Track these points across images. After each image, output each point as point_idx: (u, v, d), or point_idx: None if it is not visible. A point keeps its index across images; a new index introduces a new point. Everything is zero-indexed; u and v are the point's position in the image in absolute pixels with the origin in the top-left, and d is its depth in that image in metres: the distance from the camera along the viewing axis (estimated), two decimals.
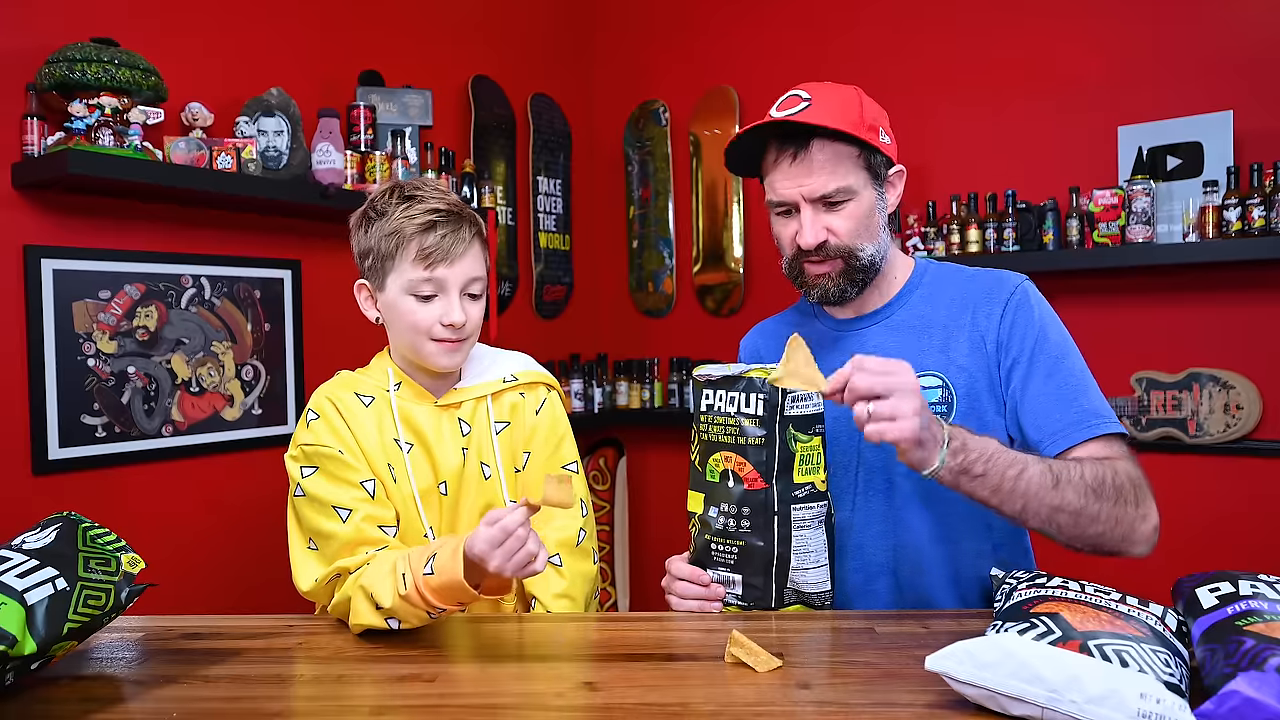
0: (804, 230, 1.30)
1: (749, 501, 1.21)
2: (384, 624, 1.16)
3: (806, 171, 1.28)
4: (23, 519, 1.27)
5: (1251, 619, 0.88)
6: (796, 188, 1.29)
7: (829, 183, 1.27)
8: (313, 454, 1.28)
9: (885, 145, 1.32)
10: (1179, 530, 2.56)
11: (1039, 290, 1.36)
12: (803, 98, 1.28)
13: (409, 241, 1.27)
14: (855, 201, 1.29)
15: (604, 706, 0.94)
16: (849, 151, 1.28)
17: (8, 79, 2.04)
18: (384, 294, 1.32)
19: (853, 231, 1.30)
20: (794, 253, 1.34)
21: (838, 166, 1.28)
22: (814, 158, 1.28)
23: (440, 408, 1.36)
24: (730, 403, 1.22)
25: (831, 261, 1.31)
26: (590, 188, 3.73)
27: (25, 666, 0.99)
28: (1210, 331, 2.54)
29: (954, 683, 0.88)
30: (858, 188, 1.29)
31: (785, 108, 1.29)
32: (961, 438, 1.11)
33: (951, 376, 1.31)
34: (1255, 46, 2.47)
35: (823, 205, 1.29)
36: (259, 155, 2.38)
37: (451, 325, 1.28)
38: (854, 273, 1.32)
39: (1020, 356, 1.29)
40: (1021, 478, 1.13)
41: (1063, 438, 1.24)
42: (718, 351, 3.32)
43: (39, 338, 2.07)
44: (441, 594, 1.10)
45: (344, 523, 1.24)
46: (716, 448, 1.24)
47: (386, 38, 2.90)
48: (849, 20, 3.15)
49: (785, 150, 1.29)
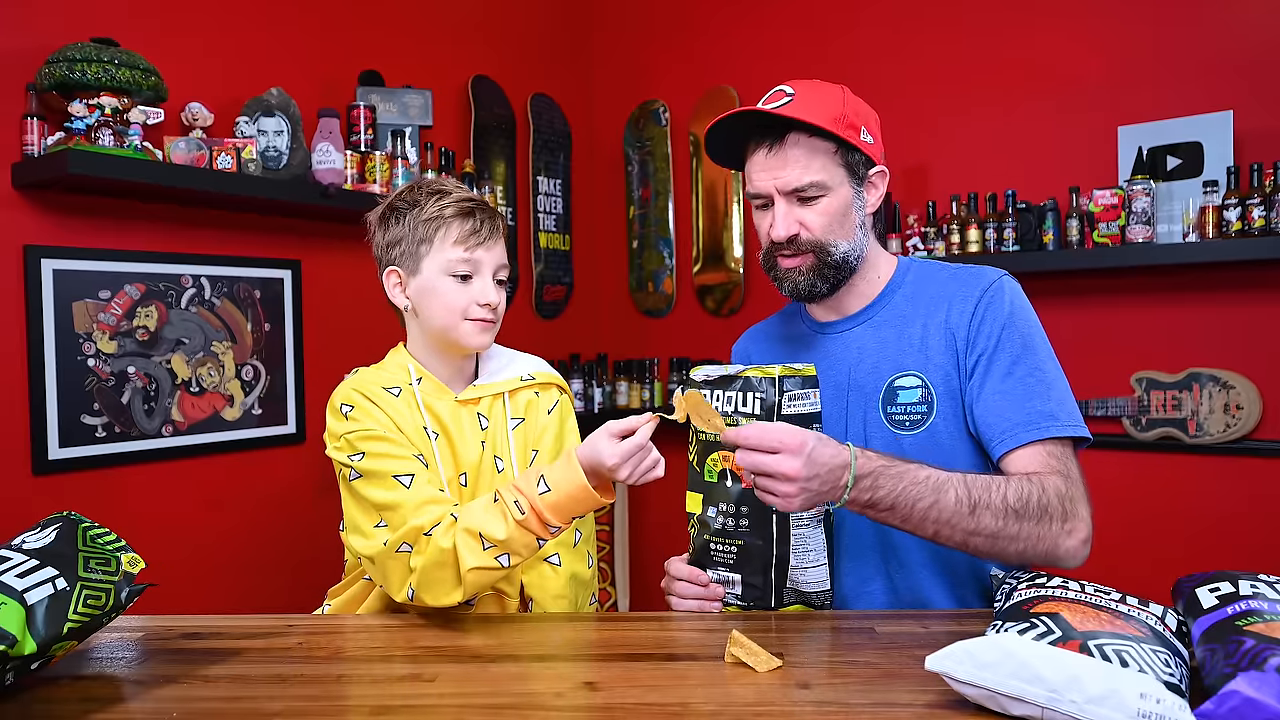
0: (776, 222, 1.31)
1: (747, 500, 1.21)
2: (494, 563, 1.18)
3: (781, 164, 1.30)
4: (23, 519, 1.27)
5: (1251, 619, 0.88)
6: (771, 179, 1.31)
7: (802, 176, 1.29)
8: (359, 439, 1.29)
9: (866, 145, 1.32)
10: (1179, 530, 2.57)
11: (1022, 288, 1.36)
12: (787, 92, 1.30)
13: (449, 225, 1.33)
14: (829, 197, 1.30)
15: (604, 706, 0.94)
16: (825, 147, 1.30)
17: (8, 79, 2.04)
18: (419, 277, 1.35)
19: (825, 227, 1.31)
20: (768, 245, 1.35)
21: (812, 161, 1.29)
22: (789, 151, 1.29)
23: (460, 403, 1.39)
24: (727, 402, 1.22)
25: (803, 255, 1.32)
26: (590, 188, 3.73)
27: (25, 666, 0.99)
28: (1210, 331, 2.54)
29: (954, 683, 0.88)
30: (832, 184, 1.30)
31: (769, 101, 1.31)
32: (874, 476, 1.12)
33: (931, 375, 1.31)
34: (1255, 46, 2.47)
35: (796, 199, 1.31)
36: (259, 155, 2.38)
37: (488, 305, 1.35)
38: (825, 269, 1.33)
39: (984, 352, 1.29)
40: (935, 507, 1.14)
41: (1009, 438, 1.24)
42: (718, 351, 3.32)
43: (39, 338, 2.07)
44: (560, 509, 1.17)
45: (408, 488, 1.25)
46: (715, 447, 1.24)
47: (386, 38, 2.90)
48: (849, 20, 3.15)
49: (762, 142, 1.31)
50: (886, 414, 1.32)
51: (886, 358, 1.34)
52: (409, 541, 1.22)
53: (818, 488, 1.09)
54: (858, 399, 1.35)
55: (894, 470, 1.14)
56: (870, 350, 1.36)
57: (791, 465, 1.06)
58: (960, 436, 1.30)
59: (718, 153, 1.40)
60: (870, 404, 1.34)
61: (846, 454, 1.11)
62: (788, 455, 1.07)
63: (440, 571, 1.20)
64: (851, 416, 1.35)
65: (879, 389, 1.33)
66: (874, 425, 1.33)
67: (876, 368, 1.35)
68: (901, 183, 3.00)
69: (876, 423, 1.33)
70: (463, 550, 1.18)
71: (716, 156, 1.41)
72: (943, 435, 1.29)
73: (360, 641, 1.18)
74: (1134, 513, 2.61)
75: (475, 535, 1.18)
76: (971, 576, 1.33)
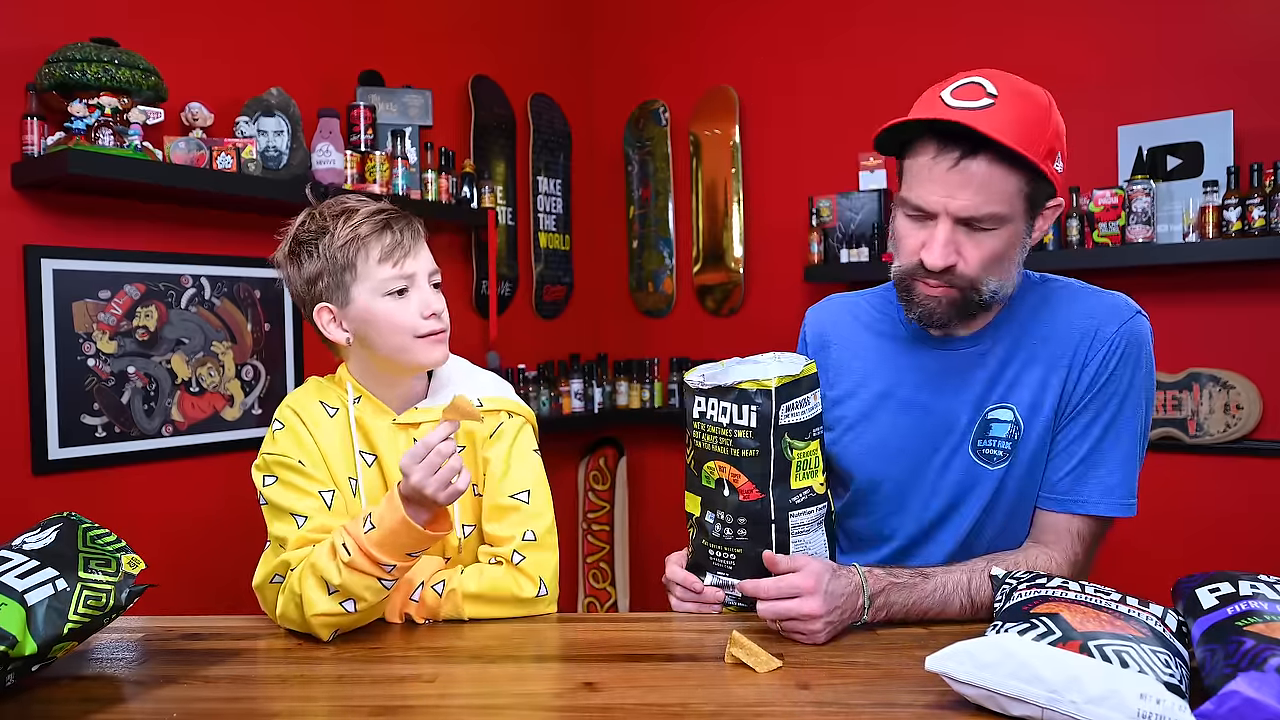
0: (934, 247, 1.15)
1: (745, 512, 1.18)
2: (339, 608, 1.14)
3: (963, 183, 1.11)
4: (23, 519, 1.27)
5: (1251, 619, 0.88)
6: (944, 198, 1.13)
7: (982, 205, 1.12)
8: (274, 463, 1.27)
9: (1056, 175, 1.15)
10: (1179, 530, 2.57)
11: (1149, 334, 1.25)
12: (987, 91, 1.11)
13: (368, 245, 1.24)
14: (1000, 232, 1.14)
15: (604, 706, 0.94)
16: (1016, 174, 1.12)
17: (8, 79, 2.04)
18: (352, 306, 1.26)
19: (985, 264, 1.16)
20: (913, 264, 1.19)
21: (998, 189, 1.11)
22: (974, 170, 1.11)
23: (399, 425, 1.32)
24: (723, 413, 1.17)
25: (950, 289, 1.18)
26: (590, 188, 3.73)
27: (25, 667, 0.99)
28: (1210, 331, 2.54)
29: (954, 683, 0.88)
30: (1010, 217, 1.14)
31: (962, 97, 1.11)
32: (885, 594, 1.14)
33: (1026, 412, 1.23)
34: (1255, 46, 2.47)
35: (965, 225, 1.14)
36: (259, 155, 2.38)
37: (435, 315, 1.27)
38: (968, 305, 1.20)
39: (1085, 400, 1.22)
40: (942, 615, 1.16)
41: (1050, 501, 1.24)
42: (718, 351, 3.32)
43: (39, 338, 2.07)
44: (386, 545, 1.11)
45: (298, 528, 1.23)
46: (710, 456, 1.20)
47: (386, 38, 2.90)
48: (847, 19, 3.14)
49: (946, 151, 1.12)
50: (976, 447, 1.26)
51: (991, 388, 1.26)
52: (280, 574, 1.22)
53: (839, 618, 1.11)
54: (944, 429, 1.27)
55: (900, 584, 1.15)
56: (976, 379, 1.26)
57: (812, 606, 1.08)
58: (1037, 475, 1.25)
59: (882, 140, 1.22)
60: (963, 437, 1.27)
61: (857, 578, 1.13)
62: (807, 598, 1.08)
63: (296, 612, 1.18)
64: (938, 449, 1.28)
65: (974, 421, 1.26)
66: (959, 458, 1.27)
67: (977, 398, 1.26)
68: None
69: (962, 455, 1.26)
70: (309, 594, 1.15)
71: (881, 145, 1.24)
72: (1019, 474, 1.25)
73: (360, 642, 1.18)
74: None
75: (319, 579, 1.15)
76: None
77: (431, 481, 1.09)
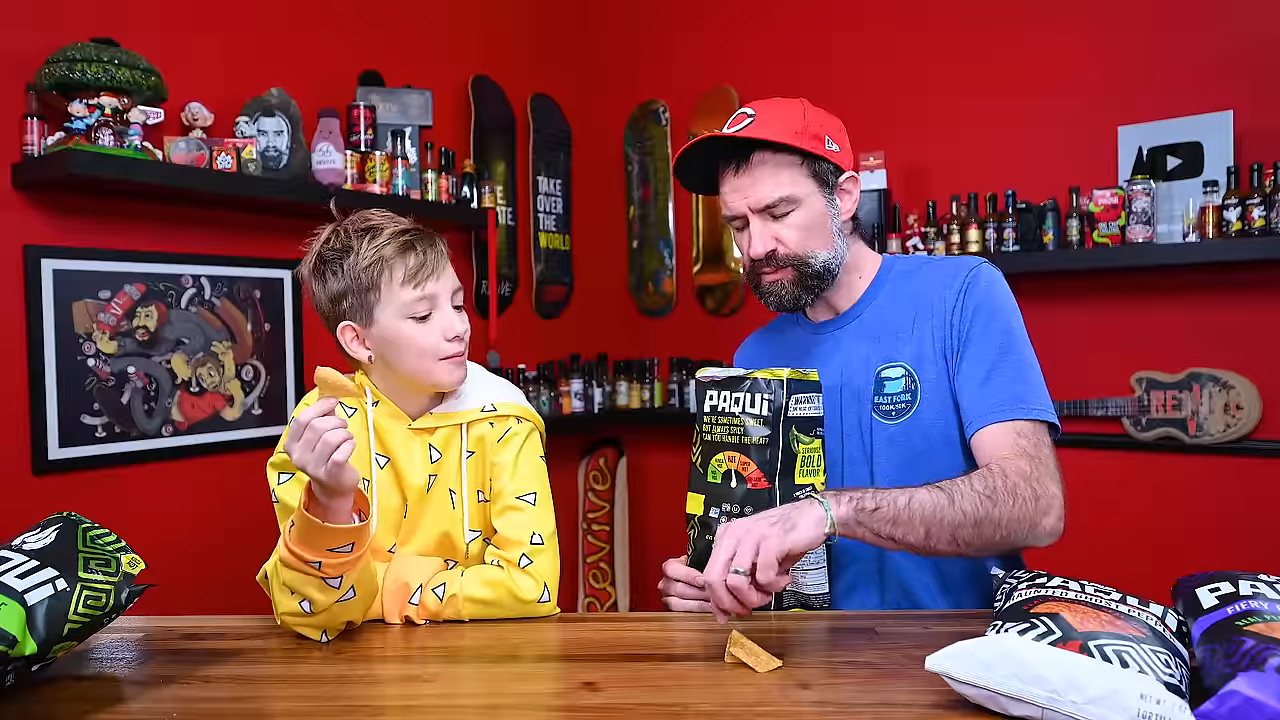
0: (753, 240, 1.34)
1: (752, 501, 1.21)
2: (298, 608, 1.15)
3: (750, 182, 1.32)
4: (23, 519, 1.27)
5: (1251, 619, 0.88)
6: (742, 199, 1.33)
7: (772, 192, 1.31)
8: (288, 462, 1.27)
9: (832, 153, 1.34)
10: (1179, 530, 2.57)
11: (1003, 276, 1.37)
12: (748, 114, 1.32)
13: (392, 266, 1.25)
14: (801, 210, 1.32)
15: (604, 706, 0.94)
16: (790, 161, 1.31)
17: (8, 79, 2.04)
18: (376, 326, 1.27)
19: (801, 240, 1.33)
20: (749, 263, 1.38)
21: (779, 176, 1.31)
22: (755, 169, 1.32)
23: (414, 430, 1.33)
24: (735, 403, 1.24)
25: (783, 270, 1.35)
26: (590, 188, 3.73)
27: (26, 667, 0.99)
28: (1210, 331, 2.54)
29: (954, 683, 0.88)
30: (802, 196, 1.32)
31: (731, 125, 1.33)
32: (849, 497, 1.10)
33: (916, 364, 1.33)
34: (1255, 46, 2.47)
35: (769, 215, 1.33)
36: (259, 155, 2.38)
37: (458, 337, 1.28)
38: (807, 279, 1.35)
39: (964, 336, 1.31)
40: (914, 499, 1.12)
41: (978, 418, 1.27)
42: (718, 351, 3.32)
43: (39, 338, 2.07)
44: (304, 542, 1.11)
45: None
46: (720, 448, 1.25)
47: (386, 38, 2.90)
48: (849, 20, 3.14)
49: (729, 164, 1.34)
50: (875, 405, 1.35)
51: (875, 352, 1.37)
52: None
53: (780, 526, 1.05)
54: (851, 396, 1.37)
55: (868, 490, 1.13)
56: (860, 347, 1.38)
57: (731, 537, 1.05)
58: (948, 424, 1.31)
59: (692, 182, 1.43)
60: (864, 400, 1.36)
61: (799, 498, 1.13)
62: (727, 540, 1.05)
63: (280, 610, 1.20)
64: (846, 414, 1.37)
65: (870, 383, 1.36)
66: (866, 420, 1.35)
67: (867, 362, 1.37)
68: (902, 183, 3.00)
69: (868, 417, 1.35)
70: (276, 594, 1.18)
71: (690, 185, 1.44)
72: (926, 423, 1.31)
73: (361, 642, 1.18)
74: (1134, 513, 2.61)
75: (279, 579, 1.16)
76: (966, 580, 1.34)
77: (310, 458, 1.07)
